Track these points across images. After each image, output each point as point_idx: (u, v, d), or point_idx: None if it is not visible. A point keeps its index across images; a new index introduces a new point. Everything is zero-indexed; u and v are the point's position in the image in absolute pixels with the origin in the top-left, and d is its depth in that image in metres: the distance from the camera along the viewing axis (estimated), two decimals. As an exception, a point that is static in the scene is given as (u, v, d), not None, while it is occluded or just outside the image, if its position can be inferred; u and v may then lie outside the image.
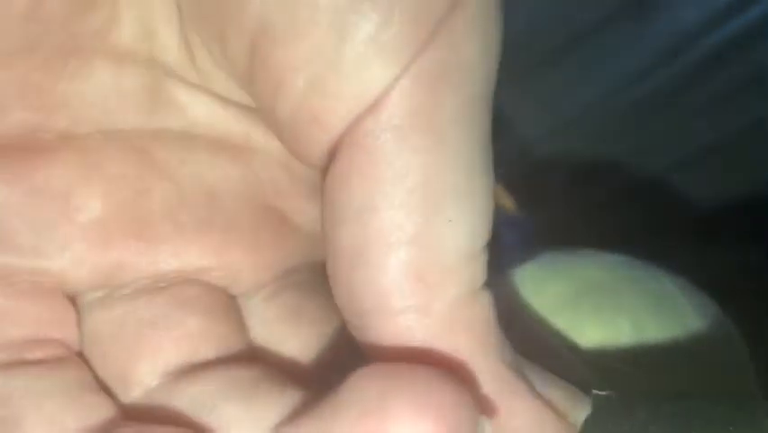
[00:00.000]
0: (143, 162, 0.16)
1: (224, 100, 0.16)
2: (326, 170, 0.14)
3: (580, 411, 0.15)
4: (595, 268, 0.20)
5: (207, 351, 0.16)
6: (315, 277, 0.18)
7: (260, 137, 0.17)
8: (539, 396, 0.15)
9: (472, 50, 0.14)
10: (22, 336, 0.16)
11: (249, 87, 0.15)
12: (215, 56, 0.15)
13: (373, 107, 0.13)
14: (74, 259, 0.16)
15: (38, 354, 0.16)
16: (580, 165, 0.34)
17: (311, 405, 0.14)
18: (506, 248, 0.21)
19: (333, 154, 0.14)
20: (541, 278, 0.20)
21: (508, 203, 0.23)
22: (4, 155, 0.16)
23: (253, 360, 0.17)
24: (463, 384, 0.13)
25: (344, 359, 0.17)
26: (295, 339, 0.17)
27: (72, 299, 0.16)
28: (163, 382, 0.16)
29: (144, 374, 0.16)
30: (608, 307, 0.19)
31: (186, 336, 0.16)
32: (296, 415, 0.14)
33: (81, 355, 0.16)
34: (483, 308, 0.14)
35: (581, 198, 0.35)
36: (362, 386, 0.13)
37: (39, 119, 0.16)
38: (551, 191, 0.34)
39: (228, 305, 0.17)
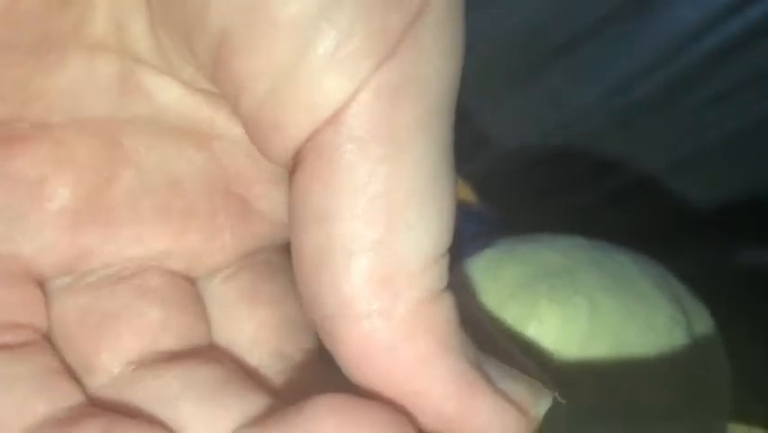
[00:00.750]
0: (112, 150, 0.17)
1: (192, 86, 0.17)
2: (291, 173, 0.15)
3: (541, 405, 0.15)
4: (551, 252, 0.20)
5: (168, 342, 0.17)
6: (277, 257, 0.19)
7: (224, 123, 0.17)
8: (501, 392, 0.15)
9: (433, 61, 0.14)
10: None
11: (215, 84, 0.15)
12: (183, 54, 0.16)
13: (333, 119, 0.14)
14: (43, 245, 0.16)
15: (7, 338, 0.16)
16: (580, 165, 0.34)
17: (269, 419, 0.15)
18: (467, 240, 0.21)
19: (297, 159, 0.14)
20: (497, 263, 0.20)
21: (469, 195, 0.23)
22: None
23: (214, 355, 0.17)
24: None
25: (301, 342, 0.18)
26: (252, 320, 0.18)
27: (41, 285, 0.17)
28: (127, 371, 0.16)
29: (106, 362, 0.16)
30: (564, 287, 0.19)
31: (147, 327, 0.17)
32: (253, 425, 0.15)
33: (49, 340, 0.17)
34: (445, 309, 0.14)
35: (581, 198, 0.35)
36: (320, 418, 0.14)
37: (13, 110, 0.16)
38: (548, 190, 0.34)
39: (190, 294, 0.18)
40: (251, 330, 0.17)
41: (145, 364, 0.16)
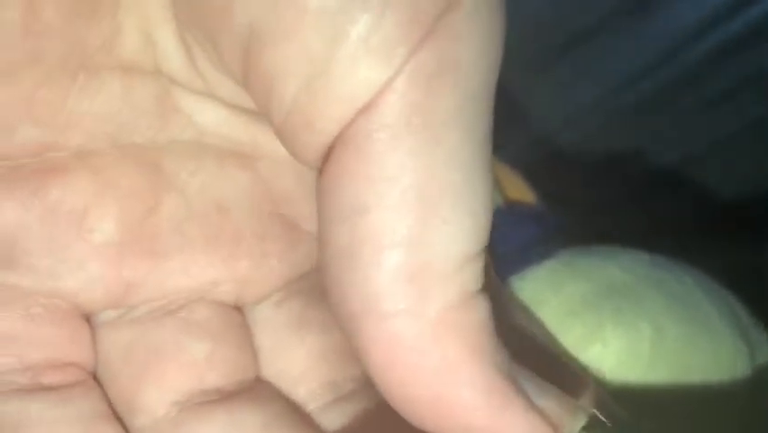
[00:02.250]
0: (154, 176, 0.16)
1: (231, 106, 0.16)
2: (321, 170, 0.14)
3: (575, 422, 0.15)
4: (615, 268, 0.20)
5: (215, 378, 0.16)
6: None
7: (267, 143, 0.17)
8: (533, 407, 0.14)
9: (469, 49, 0.13)
10: (40, 360, 0.16)
11: (247, 91, 0.15)
12: (213, 60, 0.15)
13: (367, 108, 0.13)
14: (88, 280, 0.16)
15: (55, 378, 0.16)
16: (579, 165, 0.34)
17: None
18: (527, 245, 0.20)
19: (327, 155, 0.14)
20: (559, 276, 0.20)
21: (530, 196, 0.23)
22: (18, 175, 0.16)
23: (261, 393, 0.16)
24: None
25: (352, 370, 0.17)
26: (302, 349, 0.17)
27: (87, 319, 0.16)
28: (171, 413, 0.16)
29: (150, 402, 0.16)
30: (629, 310, 0.19)
31: (192, 363, 0.16)
32: None
33: (96, 379, 0.16)
34: (477, 313, 0.14)
35: (579, 199, 0.35)
36: None
37: (51, 137, 0.15)
38: (548, 190, 0.34)
39: (237, 325, 0.17)
40: (301, 359, 0.17)
41: (190, 406, 0.16)
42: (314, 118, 0.13)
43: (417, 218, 0.13)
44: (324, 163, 0.14)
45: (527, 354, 0.15)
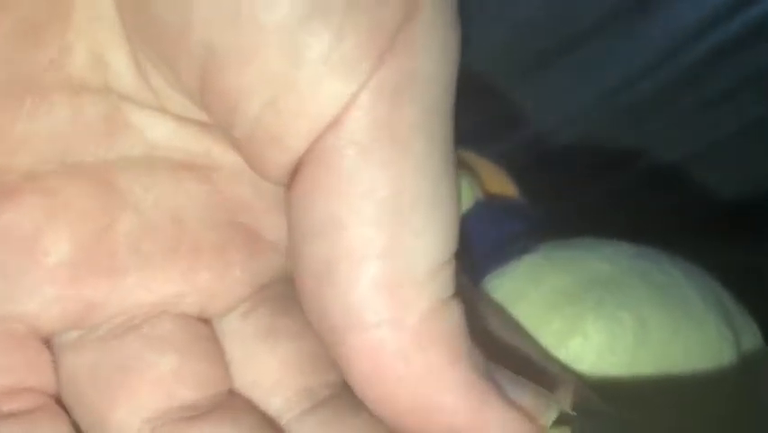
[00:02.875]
0: (107, 194, 0.16)
1: (183, 119, 0.16)
2: (290, 186, 0.14)
3: (550, 413, 0.15)
4: (596, 260, 0.20)
5: (186, 393, 0.16)
6: (292, 289, 0.18)
7: (221, 153, 0.17)
8: (510, 402, 0.15)
9: (430, 59, 0.13)
10: (0, 388, 0.16)
11: (204, 108, 0.15)
12: (168, 79, 0.15)
13: (334, 124, 0.13)
14: (44, 302, 0.16)
15: (14, 405, 0.16)
16: (578, 165, 0.34)
17: None
18: (508, 240, 0.20)
19: (296, 171, 0.14)
20: (540, 270, 0.20)
21: (511, 190, 0.23)
22: None
23: (235, 407, 0.16)
24: None
25: (326, 376, 0.17)
26: (273, 358, 0.17)
27: (47, 342, 0.16)
28: (143, 431, 0.16)
29: (122, 421, 0.16)
30: (611, 301, 0.19)
31: (161, 378, 0.16)
32: None
33: (60, 402, 0.16)
34: (453, 317, 0.14)
35: (578, 197, 0.35)
36: None
37: (1, 161, 0.15)
38: (549, 189, 0.34)
39: (205, 337, 0.17)
40: (274, 368, 0.17)
41: (164, 423, 0.16)
42: (281, 135, 0.14)
43: (392, 231, 0.13)
44: (294, 180, 0.14)
45: (501, 354, 0.15)
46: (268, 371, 0.17)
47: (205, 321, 0.17)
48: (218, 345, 0.17)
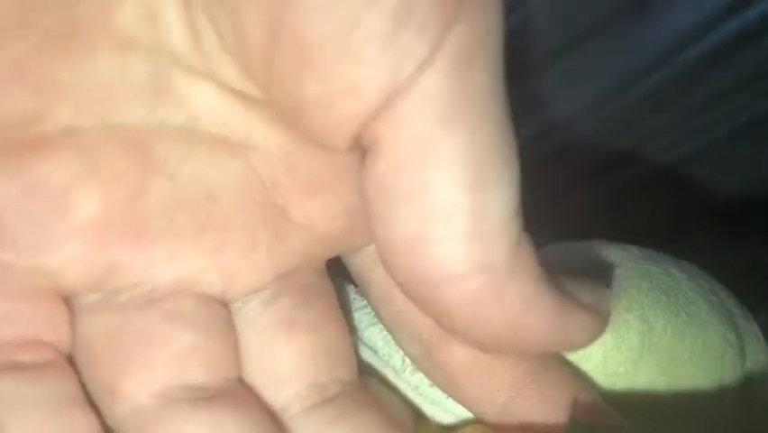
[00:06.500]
0: (143, 160, 0.16)
1: (228, 90, 0.16)
2: (369, 156, 0.14)
3: (608, 299, 0.17)
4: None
5: (197, 373, 0.16)
6: (315, 279, 0.18)
7: (261, 132, 0.17)
8: (583, 305, 0.16)
9: (493, 23, 0.14)
10: (15, 337, 0.16)
11: (263, 69, 0.14)
12: (226, 38, 0.15)
13: (411, 88, 0.14)
14: (69, 258, 0.16)
15: (28, 356, 0.16)
16: (577, 165, 0.34)
17: None
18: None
19: (370, 138, 0.14)
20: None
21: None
22: (4, 149, 0.15)
23: (242, 396, 0.17)
24: None
25: (338, 372, 0.18)
26: (289, 349, 0.17)
27: (67, 301, 0.16)
28: (152, 405, 0.16)
29: (132, 390, 0.16)
30: (616, 304, 0.19)
31: (175, 355, 0.16)
32: None
33: (72, 359, 0.16)
34: (529, 250, 0.15)
35: (577, 198, 0.35)
36: None
37: (40, 107, 0.15)
38: (549, 189, 0.34)
39: (222, 320, 0.17)
40: (289, 360, 0.17)
41: (172, 401, 0.16)
42: (358, 85, 0.14)
43: (475, 189, 0.14)
44: (374, 150, 0.14)
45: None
46: (281, 362, 0.17)
47: (225, 305, 0.17)
48: (234, 330, 0.17)
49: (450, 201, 0.14)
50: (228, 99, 0.16)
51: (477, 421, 0.18)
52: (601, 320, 0.16)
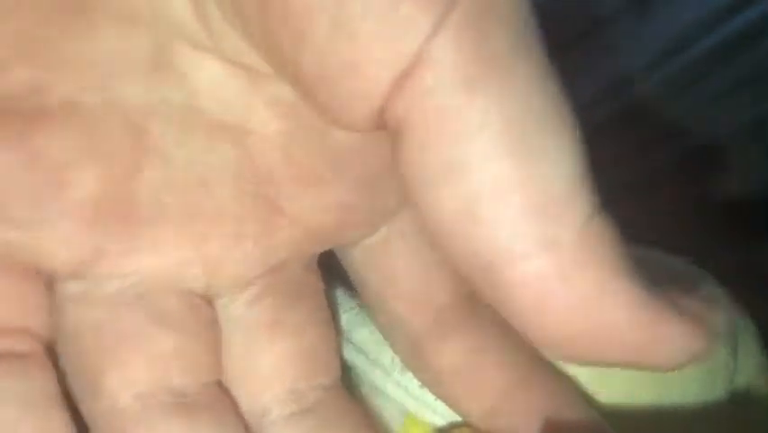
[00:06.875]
0: (140, 140, 0.16)
1: (231, 64, 0.15)
2: (397, 135, 0.13)
3: (719, 317, 0.14)
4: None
5: (177, 376, 0.16)
6: (304, 275, 0.18)
7: (260, 115, 0.16)
8: (682, 311, 0.14)
9: None
10: None
11: (262, 39, 0.14)
12: (226, 7, 0.14)
13: (424, 60, 0.12)
14: (58, 237, 0.15)
15: (7, 344, 0.15)
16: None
17: None
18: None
19: (394, 118, 0.13)
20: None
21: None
22: (5, 117, 0.15)
23: (220, 402, 0.17)
24: None
25: (319, 377, 0.17)
26: (271, 352, 0.17)
27: (49, 285, 0.16)
28: (133, 406, 0.16)
29: (114, 388, 0.16)
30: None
31: (158, 356, 0.16)
32: None
33: (50, 346, 0.16)
34: (604, 231, 0.13)
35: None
36: None
37: (43, 78, 0.15)
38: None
39: (208, 322, 0.17)
40: (270, 363, 0.17)
41: (154, 404, 0.16)
42: (358, 62, 0.13)
43: (519, 158, 0.13)
44: (401, 129, 0.13)
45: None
46: (262, 365, 0.17)
47: (211, 304, 0.17)
48: (218, 330, 0.17)
49: (493, 174, 0.13)
50: (231, 74, 0.16)
51: (465, 424, 0.18)
52: (705, 341, 0.14)
